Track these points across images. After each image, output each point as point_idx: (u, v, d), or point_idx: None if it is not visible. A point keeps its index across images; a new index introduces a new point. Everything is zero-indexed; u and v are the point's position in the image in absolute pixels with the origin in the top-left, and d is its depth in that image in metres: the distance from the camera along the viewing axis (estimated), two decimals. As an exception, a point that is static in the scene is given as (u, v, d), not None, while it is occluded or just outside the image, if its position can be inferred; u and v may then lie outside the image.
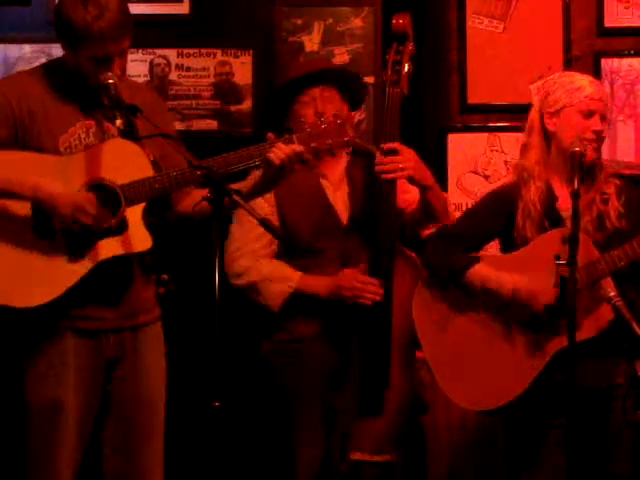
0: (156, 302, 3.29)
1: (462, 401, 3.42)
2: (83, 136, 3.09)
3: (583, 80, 3.39)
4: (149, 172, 3.06)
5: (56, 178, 3.00)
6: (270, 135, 3.13)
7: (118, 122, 3.03)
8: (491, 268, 3.36)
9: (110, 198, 3.02)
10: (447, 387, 3.42)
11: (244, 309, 3.67)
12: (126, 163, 3.05)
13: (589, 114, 3.33)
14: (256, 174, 3.40)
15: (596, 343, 3.26)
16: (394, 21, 3.55)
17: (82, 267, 3.00)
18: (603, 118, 3.36)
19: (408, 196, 3.61)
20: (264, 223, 2.98)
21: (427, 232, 3.63)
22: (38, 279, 2.99)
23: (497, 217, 3.43)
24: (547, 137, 3.40)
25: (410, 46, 3.54)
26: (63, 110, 3.09)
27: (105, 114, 3.11)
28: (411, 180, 3.48)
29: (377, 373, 3.47)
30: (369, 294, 3.44)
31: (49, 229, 3.01)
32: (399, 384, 3.52)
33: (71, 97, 3.10)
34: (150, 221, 3.17)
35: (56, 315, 3.03)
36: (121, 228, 3.02)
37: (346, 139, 3.13)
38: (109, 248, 3.01)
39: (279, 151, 3.05)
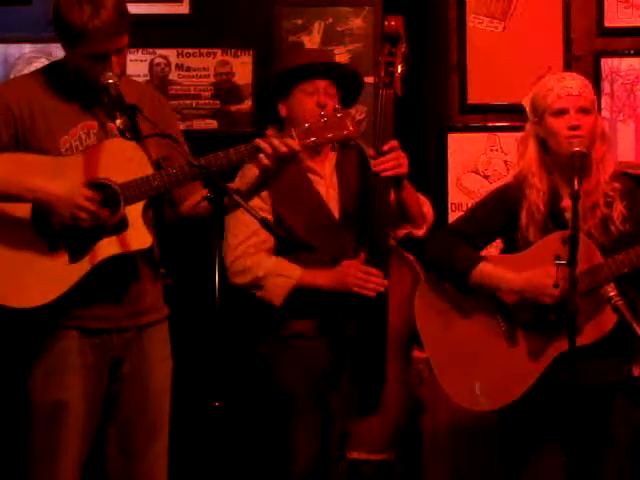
0: (164, 301, 3.29)
1: (463, 401, 3.42)
2: (84, 137, 3.09)
3: (552, 81, 3.38)
4: (148, 171, 3.06)
5: (55, 179, 3.00)
6: (269, 131, 3.13)
7: (118, 122, 3.03)
8: (496, 267, 3.35)
9: (110, 197, 3.02)
10: (448, 386, 3.42)
11: (243, 308, 3.67)
12: (125, 162, 3.05)
13: (560, 112, 3.32)
14: (247, 171, 3.41)
15: (596, 342, 3.26)
16: (386, 23, 3.57)
17: (81, 267, 3.00)
18: (584, 111, 3.33)
19: None
20: (264, 223, 2.98)
21: (402, 232, 3.65)
22: (38, 280, 2.99)
23: (500, 216, 3.43)
24: (543, 144, 3.40)
25: (402, 48, 3.55)
26: (64, 111, 3.09)
27: (108, 113, 3.11)
28: (398, 179, 3.49)
29: (373, 371, 3.47)
30: (372, 284, 3.46)
31: (49, 230, 3.01)
32: (396, 384, 3.53)
33: (72, 98, 3.11)
34: (153, 220, 3.18)
35: (59, 315, 3.03)
36: (121, 227, 3.02)
37: (346, 133, 3.12)
38: (108, 247, 3.01)
39: (270, 150, 3.05)
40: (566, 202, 3.32)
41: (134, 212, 3.04)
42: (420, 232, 3.67)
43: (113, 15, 2.97)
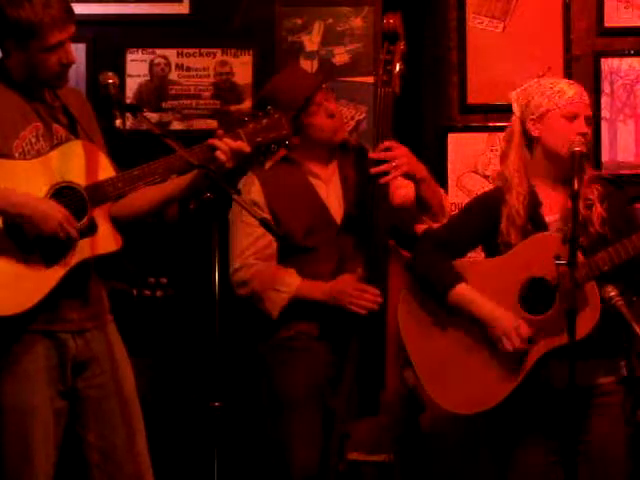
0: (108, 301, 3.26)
1: (448, 404, 3.41)
2: (34, 140, 3.03)
3: (562, 84, 3.38)
4: (111, 172, 3.06)
5: (21, 183, 2.95)
6: (219, 131, 3.11)
7: (118, 122, 3.01)
8: (473, 291, 3.35)
9: (76, 200, 2.99)
10: (433, 391, 3.41)
11: (243, 309, 3.67)
12: (88, 164, 3.03)
13: (573, 117, 3.32)
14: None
15: (595, 342, 3.25)
16: (384, 21, 3.57)
17: (57, 272, 2.96)
18: (588, 120, 3.35)
19: (403, 191, 3.61)
20: (264, 223, 2.98)
21: (421, 227, 3.64)
22: (16, 286, 2.93)
23: (482, 223, 3.43)
24: (530, 143, 3.40)
25: (401, 46, 3.55)
26: (11, 114, 3.03)
27: (52, 115, 3.09)
28: (406, 175, 3.50)
29: (372, 373, 3.48)
30: (365, 302, 3.46)
31: (21, 235, 2.95)
32: (394, 384, 3.53)
33: (15, 101, 3.05)
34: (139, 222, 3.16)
35: (29, 320, 2.98)
36: (91, 230, 3.00)
37: (285, 133, 3.11)
38: (81, 251, 2.98)
39: (226, 147, 3.03)
40: (546, 206, 3.34)
41: (102, 214, 3.02)
42: None
43: (62, 3, 2.97)
